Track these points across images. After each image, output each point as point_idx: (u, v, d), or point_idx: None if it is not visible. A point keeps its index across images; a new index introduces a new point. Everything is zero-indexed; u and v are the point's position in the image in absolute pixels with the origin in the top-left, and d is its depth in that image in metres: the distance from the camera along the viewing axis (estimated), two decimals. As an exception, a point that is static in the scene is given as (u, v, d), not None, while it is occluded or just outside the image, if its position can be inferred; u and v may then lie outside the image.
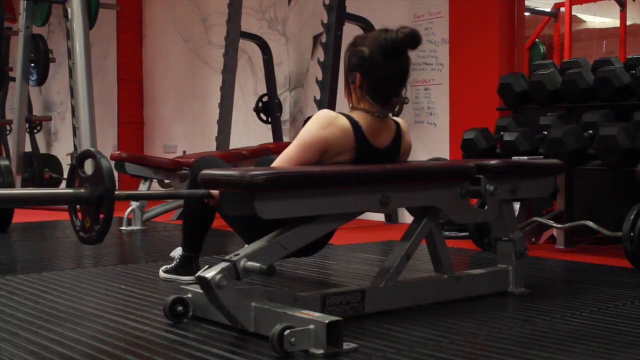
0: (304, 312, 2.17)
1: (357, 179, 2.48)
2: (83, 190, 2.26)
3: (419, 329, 2.37)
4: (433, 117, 5.70)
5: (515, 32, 5.26)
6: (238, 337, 2.28)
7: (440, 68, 5.62)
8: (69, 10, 6.27)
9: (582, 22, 9.05)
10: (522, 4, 5.32)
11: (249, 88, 7.32)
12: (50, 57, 7.93)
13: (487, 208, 2.89)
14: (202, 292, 2.31)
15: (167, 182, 5.50)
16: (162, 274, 3.23)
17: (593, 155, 4.01)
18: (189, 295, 2.51)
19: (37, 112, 9.48)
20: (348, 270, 3.57)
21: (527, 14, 5.94)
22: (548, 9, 7.83)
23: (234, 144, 6.79)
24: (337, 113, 2.61)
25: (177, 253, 3.23)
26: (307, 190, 2.37)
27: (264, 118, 6.86)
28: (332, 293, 2.48)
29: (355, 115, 2.62)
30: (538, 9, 7.93)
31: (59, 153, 8.96)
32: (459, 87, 5.42)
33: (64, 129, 9.26)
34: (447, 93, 5.53)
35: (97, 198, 2.23)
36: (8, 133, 8.80)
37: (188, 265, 3.14)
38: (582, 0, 7.76)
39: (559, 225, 4.24)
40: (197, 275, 2.28)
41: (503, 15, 5.22)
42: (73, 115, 6.38)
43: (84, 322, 2.50)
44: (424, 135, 5.67)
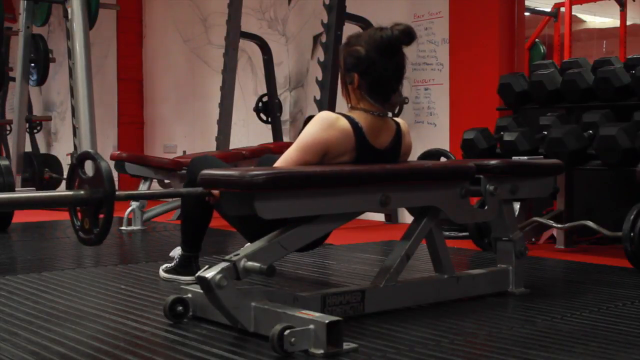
0: (304, 312, 2.17)
1: (357, 179, 2.48)
2: (82, 193, 2.26)
3: (419, 329, 2.37)
4: (433, 117, 5.70)
5: (515, 32, 5.26)
6: (238, 337, 2.28)
7: (440, 68, 5.62)
8: (69, 10, 6.26)
9: (582, 22, 9.05)
10: (522, 4, 5.32)
11: (249, 88, 7.32)
12: (50, 57, 7.93)
13: (487, 208, 2.89)
14: (202, 292, 2.31)
15: (167, 182, 5.50)
16: (162, 274, 3.23)
17: (593, 155, 4.00)
18: (189, 295, 2.50)
19: (37, 112, 9.47)
20: (348, 270, 3.57)
21: (527, 14, 5.94)
22: (548, 9, 7.82)
23: (234, 144, 6.79)
24: (337, 114, 2.60)
25: (176, 253, 3.22)
26: (307, 191, 2.37)
27: (264, 118, 6.86)
28: (332, 293, 2.48)
29: (356, 116, 2.61)
30: (538, 9, 7.92)
31: (59, 153, 8.96)
32: (459, 87, 5.42)
33: (64, 129, 9.26)
34: (447, 93, 5.53)
35: (96, 200, 2.23)
36: (8, 133, 8.80)
37: (188, 265, 3.14)
38: (582, 0, 7.76)
39: (559, 225, 4.23)
40: (197, 275, 2.28)
41: (503, 15, 5.22)
42: (73, 115, 6.37)
43: (84, 322, 2.50)
44: (424, 136, 5.66)
